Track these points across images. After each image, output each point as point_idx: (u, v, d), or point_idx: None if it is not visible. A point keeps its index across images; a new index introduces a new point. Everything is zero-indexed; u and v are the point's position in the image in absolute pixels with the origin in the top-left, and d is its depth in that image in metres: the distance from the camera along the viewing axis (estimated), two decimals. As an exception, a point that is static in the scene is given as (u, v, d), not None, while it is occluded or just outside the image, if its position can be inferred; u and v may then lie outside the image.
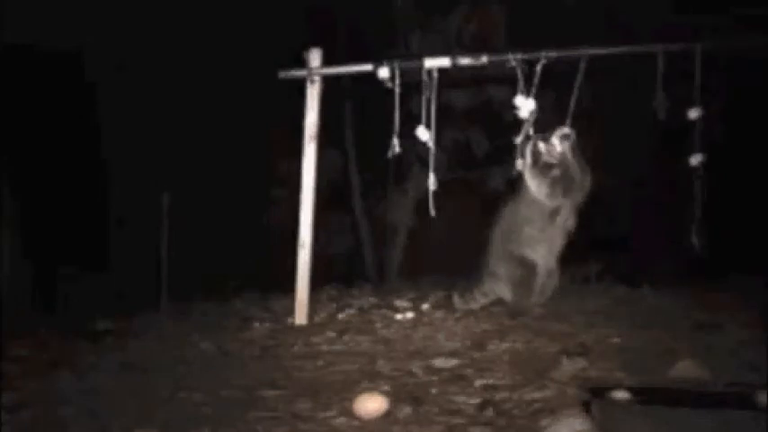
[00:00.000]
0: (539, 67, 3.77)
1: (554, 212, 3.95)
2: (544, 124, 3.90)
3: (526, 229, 4.01)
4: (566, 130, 3.86)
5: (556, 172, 3.87)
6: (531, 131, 3.87)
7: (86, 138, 6.83)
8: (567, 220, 3.97)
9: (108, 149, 6.92)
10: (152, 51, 6.75)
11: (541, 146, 3.86)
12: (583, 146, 3.94)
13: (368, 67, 4.04)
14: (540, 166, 3.88)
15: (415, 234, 7.72)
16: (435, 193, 3.89)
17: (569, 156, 3.88)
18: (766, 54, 4.01)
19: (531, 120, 3.83)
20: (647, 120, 3.87)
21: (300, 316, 4.17)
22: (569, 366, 2.92)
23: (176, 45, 6.71)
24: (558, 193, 3.90)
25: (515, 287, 4.08)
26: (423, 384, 2.91)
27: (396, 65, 3.94)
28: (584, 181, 3.94)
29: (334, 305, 4.70)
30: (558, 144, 3.85)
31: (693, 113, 3.66)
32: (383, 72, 3.94)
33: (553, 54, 3.80)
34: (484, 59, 3.98)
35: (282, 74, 4.19)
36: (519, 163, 3.94)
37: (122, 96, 6.96)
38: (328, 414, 2.59)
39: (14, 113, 5.80)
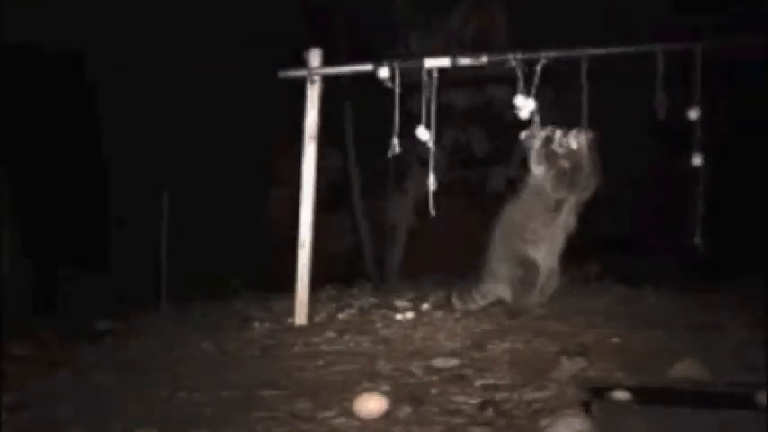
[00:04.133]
0: (539, 67, 3.77)
1: (557, 207, 3.92)
2: (545, 123, 3.89)
3: (529, 226, 3.99)
4: (584, 131, 3.83)
5: (566, 164, 3.85)
6: (538, 132, 3.86)
7: (86, 138, 6.82)
8: (568, 219, 3.95)
9: (108, 149, 6.91)
10: (151, 51, 6.75)
11: (557, 135, 3.84)
12: (599, 147, 3.92)
13: (368, 67, 4.03)
14: (547, 153, 3.85)
15: (414, 234, 7.71)
16: (435, 193, 3.88)
17: (584, 151, 3.85)
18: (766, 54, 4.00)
19: (536, 120, 3.82)
20: (647, 119, 3.87)
21: (300, 316, 4.17)
22: (569, 366, 2.92)
23: (176, 45, 6.71)
24: (565, 185, 3.86)
25: (516, 287, 4.07)
26: (423, 384, 2.91)
27: (396, 65, 3.94)
28: (591, 179, 3.90)
29: (334, 305, 4.70)
30: (573, 142, 3.82)
31: (694, 114, 3.65)
32: (383, 72, 3.94)
33: (553, 54, 3.79)
34: (484, 59, 3.98)
35: (282, 74, 4.19)
36: (525, 138, 3.89)
37: (122, 96, 6.96)
38: (328, 414, 2.59)
39: (14, 113, 5.80)
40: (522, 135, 3.90)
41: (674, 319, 3.78)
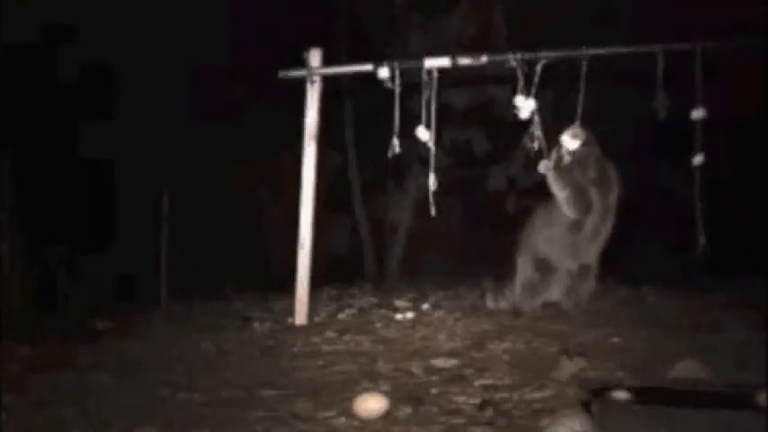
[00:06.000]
0: (539, 67, 3.76)
1: (579, 225, 3.89)
2: (543, 124, 3.88)
3: (548, 232, 3.97)
4: (576, 129, 3.81)
5: (572, 191, 3.82)
6: (538, 132, 3.84)
7: (87, 138, 6.83)
8: (598, 226, 3.89)
9: (109, 150, 6.92)
10: (151, 50, 6.75)
11: (561, 150, 3.81)
12: (600, 144, 3.90)
13: (368, 67, 4.03)
14: (563, 172, 3.82)
15: (414, 234, 7.72)
16: (435, 192, 3.88)
17: (590, 158, 3.81)
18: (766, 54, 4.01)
19: (536, 120, 3.80)
20: (647, 119, 3.86)
21: (300, 316, 4.17)
22: (569, 366, 2.91)
23: (176, 44, 6.71)
24: (578, 210, 3.84)
25: (523, 286, 4.06)
26: (423, 384, 2.91)
27: (396, 65, 3.94)
28: (608, 184, 3.86)
29: (334, 305, 4.70)
30: (570, 142, 3.79)
31: (696, 114, 3.64)
32: (383, 72, 3.94)
33: (553, 54, 3.79)
34: (484, 59, 3.97)
35: (282, 74, 4.18)
36: (542, 165, 3.88)
37: (122, 97, 6.97)
38: (328, 414, 2.59)
39: (15, 115, 5.80)
40: (541, 167, 3.86)
41: (674, 319, 3.78)
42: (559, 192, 3.85)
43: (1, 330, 4.01)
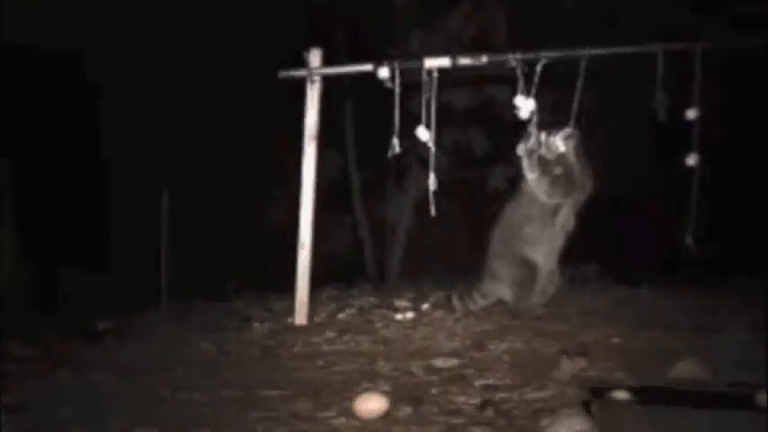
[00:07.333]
0: (539, 67, 3.76)
1: (554, 211, 3.92)
2: (543, 124, 3.89)
3: (527, 229, 3.98)
4: (569, 130, 3.82)
5: (557, 170, 3.84)
6: (535, 131, 3.85)
7: (86, 137, 6.83)
8: (566, 220, 3.94)
9: (108, 149, 6.91)
10: (152, 51, 6.75)
11: (542, 139, 3.83)
12: (585, 146, 3.92)
13: (368, 67, 4.03)
14: (537, 159, 3.85)
15: (414, 234, 7.71)
16: (435, 193, 3.88)
17: (571, 155, 3.85)
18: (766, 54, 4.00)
19: (534, 120, 3.81)
20: (646, 119, 3.86)
21: (300, 316, 4.17)
22: (569, 366, 2.92)
23: (176, 45, 6.71)
24: (559, 192, 3.86)
25: (516, 288, 4.06)
26: (423, 384, 2.91)
27: (396, 65, 3.94)
28: (584, 182, 3.91)
29: (334, 305, 4.70)
30: (560, 144, 3.82)
31: (692, 114, 3.65)
32: (383, 72, 3.94)
33: (553, 54, 3.79)
34: (484, 59, 3.97)
35: (282, 74, 4.18)
36: (519, 149, 3.89)
37: (122, 96, 6.96)
38: (328, 414, 2.59)
39: (15, 113, 5.80)
40: (519, 149, 3.90)
41: (674, 319, 3.78)
42: (536, 185, 3.87)
43: (1, 330, 4.00)
